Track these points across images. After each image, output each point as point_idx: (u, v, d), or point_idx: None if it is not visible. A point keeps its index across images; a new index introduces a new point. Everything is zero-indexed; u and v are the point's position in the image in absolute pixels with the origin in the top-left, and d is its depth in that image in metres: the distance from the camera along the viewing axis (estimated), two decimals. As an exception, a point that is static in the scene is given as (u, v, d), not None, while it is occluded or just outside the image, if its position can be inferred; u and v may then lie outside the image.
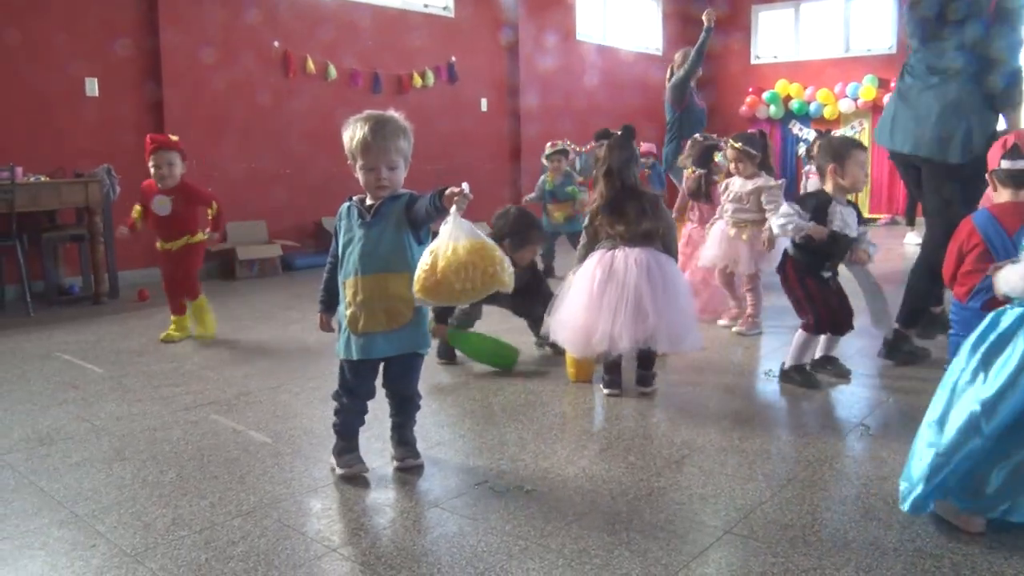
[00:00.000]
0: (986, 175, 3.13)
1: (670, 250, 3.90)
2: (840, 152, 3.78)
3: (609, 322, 3.60)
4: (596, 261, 3.76)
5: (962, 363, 2.40)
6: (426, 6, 10.06)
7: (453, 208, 2.57)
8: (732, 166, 5.22)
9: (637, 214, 3.77)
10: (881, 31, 12.97)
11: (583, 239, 4.00)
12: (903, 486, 2.48)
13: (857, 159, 3.75)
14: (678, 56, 8.07)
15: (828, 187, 3.85)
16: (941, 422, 2.41)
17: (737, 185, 5.13)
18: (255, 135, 8.26)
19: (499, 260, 2.59)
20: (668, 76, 8.18)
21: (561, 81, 11.65)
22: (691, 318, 3.86)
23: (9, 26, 6.69)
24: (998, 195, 2.97)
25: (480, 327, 4.65)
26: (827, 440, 3.28)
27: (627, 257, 3.69)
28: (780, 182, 5.18)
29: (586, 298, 3.69)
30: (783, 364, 4.08)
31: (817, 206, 3.79)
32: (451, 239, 2.55)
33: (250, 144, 8.22)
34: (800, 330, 3.99)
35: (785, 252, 4.00)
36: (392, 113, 2.85)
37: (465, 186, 2.59)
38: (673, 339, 3.70)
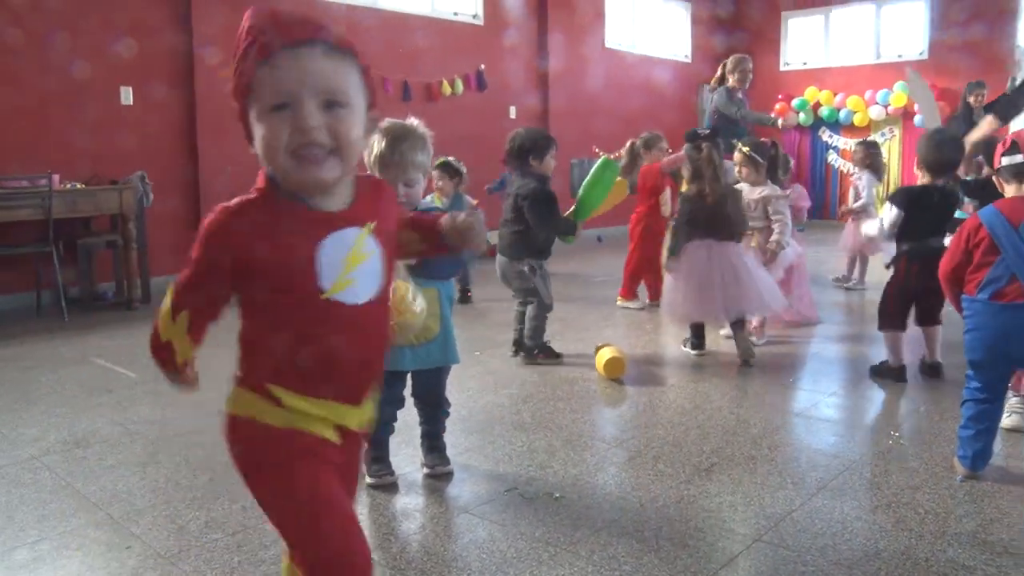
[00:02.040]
0: (993, 177, 3.12)
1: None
2: None
3: (719, 299, 4.51)
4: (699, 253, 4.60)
5: None
6: (456, 14, 10.11)
7: None
8: (738, 171, 5.15)
9: (733, 213, 4.66)
10: (913, 37, 12.84)
11: (672, 234, 4.78)
12: None
13: None
14: (731, 62, 7.74)
15: None
16: None
17: (744, 192, 5.04)
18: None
19: (407, 308, 2.59)
20: (717, 77, 7.96)
21: (590, 88, 11.66)
22: (770, 288, 4.71)
23: (46, 35, 6.82)
24: (1006, 192, 2.97)
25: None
26: (857, 448, 3.26)
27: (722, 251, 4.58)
28: (787, 193, 5.16)
29: (696, 281, 4.55)
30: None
31: None
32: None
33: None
34: None
35: None
36: (412, 122, 2.84)
37: None
38: (762, 306, 4.71)
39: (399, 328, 2.67)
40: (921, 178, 4.17)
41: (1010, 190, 2.93)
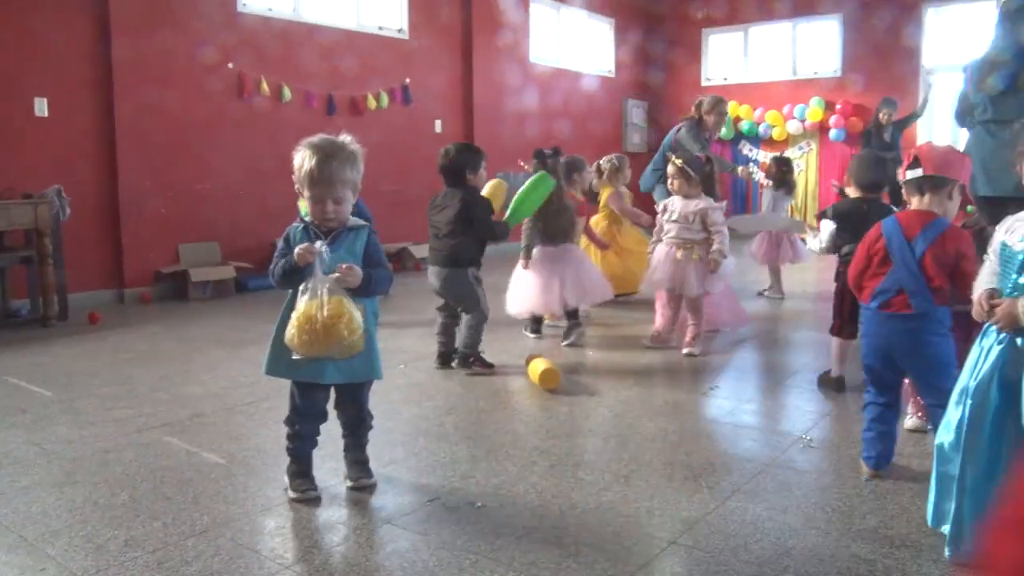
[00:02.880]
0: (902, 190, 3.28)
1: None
2: None
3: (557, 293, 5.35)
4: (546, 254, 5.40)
5: None
6: (381, 28, 10.12)
7: (316, 262, 2.70)
8: (671, 183, 5.27)
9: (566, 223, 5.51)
10: (827, 55, 13.30)
11: (527, 237, 5.39)
12: None
13: None
14: (707, 103, 7.48)
15: None
16: None
17: (679, 205, 5.17)
18: (209, 156, 8.24)
19: (342, 313, 2.70)
20: (690, 115, 7.61)
21: (515, 102, 11.78)
22: (598, 282, 5.60)
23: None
24: (911, 205, 3.12)
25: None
26: (770, 452, 3.38)
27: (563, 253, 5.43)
28: (723, 204, 5.29)
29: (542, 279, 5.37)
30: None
31: None
32: (310, 297, 2.70)
33: (204, 165, 8.20)
34: None
35: None
36: (344, 138, 2.86)
37: (319, 244, 2.72)
38: (592, 297, 5.59)
39: (337, 343, 2.73)
40: (852, 194, 4.35)
41: (914, 203, 3.08)
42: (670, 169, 5.25)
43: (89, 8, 7.36)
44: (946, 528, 2.48)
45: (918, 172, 3.02)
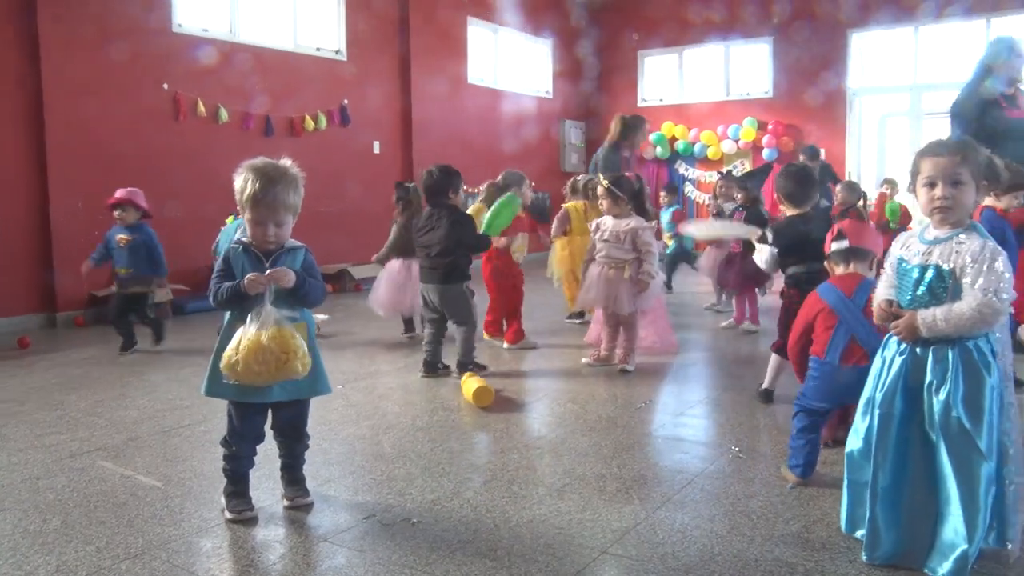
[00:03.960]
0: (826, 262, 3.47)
1: None
2: None
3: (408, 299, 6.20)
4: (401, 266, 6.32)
5: None
6: (318, 49, 10.15)
7: (268, 290, 2.77)
8: (600, 203, 5.36)
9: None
10: (759, 76, 13.68)
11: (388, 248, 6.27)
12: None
13: None
14: (614, 125, 7.86)
15: None
16: None
17: (611, 224, 5.24)
18: (144, 178, 8.11)
19: (295, 348, 2.80)
20: (613, 132, 7.86)
21: (453, 123, 11.88)
22: None
23: None
24: (835, 272, 3.31)
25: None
26: (699, 464, 3.49)
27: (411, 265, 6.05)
28: (653, 224, 5.39)
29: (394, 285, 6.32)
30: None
31: None
32: (256, 323, 2.76)
33: (139, 186, 8.06)
34: None
35: None
36: (285, 163, 2.90)
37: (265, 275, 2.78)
38: None
39: (291, 375, 2.81)
40: (785, 210, 4.48)
41: (839, 270, 3.25)
42: (599, 191, 5.34)
43: (17, 27, 7.27)
44: (860, 533, 2.60)
45: (844, 244, 3.17)
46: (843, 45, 12.82)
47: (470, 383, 4.50)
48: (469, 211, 5.77)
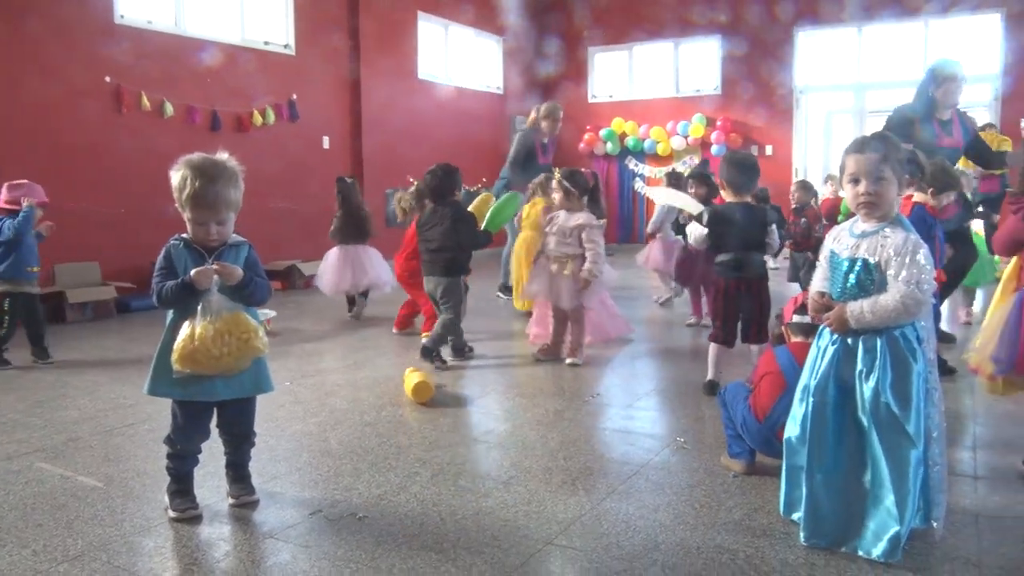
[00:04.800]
0: (781, 327, 3.52)
1: None
2: None
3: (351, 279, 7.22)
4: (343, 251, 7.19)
5: None
6: (266, 43, 10.04)
7: (214, 282, 2.77)
8: (554, 197, 5.39)
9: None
10: (708, 73, 13.82)
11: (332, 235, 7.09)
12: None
13: None
14: (543, 109, 8.09)
15: None
16: None
17: (561, 219, 5.27)
18: (86, 173, 8.00)
19: (253, 328, 2.85)
20: (531, 119, 8.14)
21: (404, 119, 11.82)
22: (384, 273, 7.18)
23: None
24: (794, 339, 3.36)
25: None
26: (645, 455, 3.53)
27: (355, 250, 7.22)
28: (601, 222, 5.39)
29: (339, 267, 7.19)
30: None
31: None
32: (208, 312, 2.77)
33: (81, 183, 7.94)
34: None
35: None
36: (223, 157, 2.87)
37: (214, 266, 2.79)
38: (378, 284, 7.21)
39: (253, 355, 2.82)
40: (726, 197, 4.55)
41: (798, 339, 3.31)
42: (554, 184, 5.37)
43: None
44: (797, 515, 2.67)
45: (806, 318, 3.22)
46: (790, 44, 13.02)
47: (410, 378, 4.50)
48: (471, 207, 5.99)
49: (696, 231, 4.51)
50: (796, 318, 3.33)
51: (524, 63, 14.67)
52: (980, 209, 7.30)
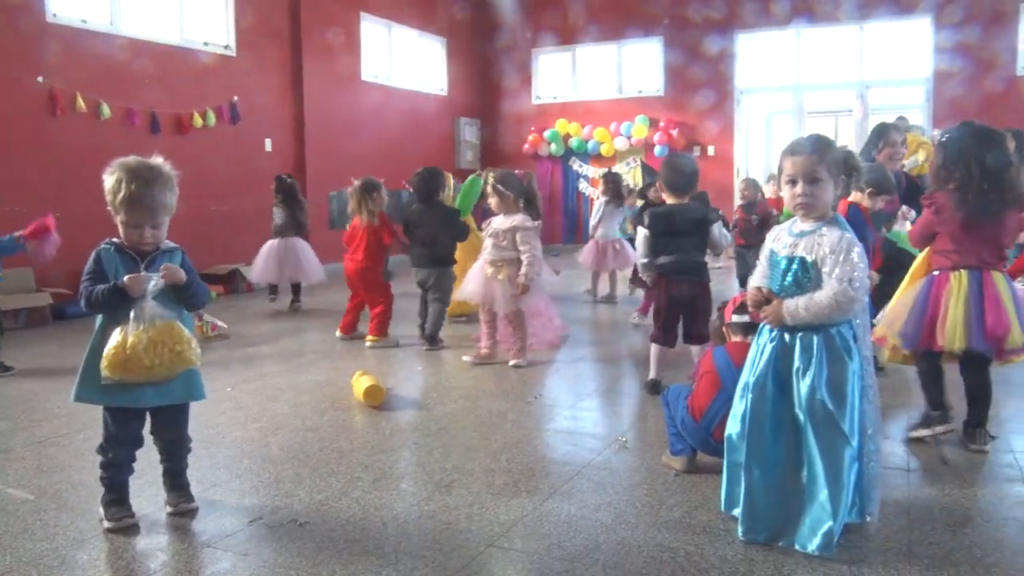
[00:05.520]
0: (723, 327, 3.59)
1: None
2: None
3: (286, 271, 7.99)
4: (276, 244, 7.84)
5: None
6: (206, 44, 9.88)
7: (149, 288, 2.71)
8: (492, 203, 5.30)
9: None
10: (651, 75, 13.96)
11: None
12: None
13: None
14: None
15: None
16: None
17: (496, 222, 5.22)
18: (18, 176, 7.78)
19: (187, 339, 2.81)
20: None
21: (347, 120, 11.73)
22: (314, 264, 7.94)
23: None
24: (734, 339, 3.42)
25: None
26: (587, 455, 3.55)
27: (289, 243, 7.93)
28: (537, 224, 5.29)
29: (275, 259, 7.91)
30: None
31: None
32: (141, 320, 2.72)
33: (12, 186, 7.71)
34: None
35: None
36: (157, 161, 2.83)
37: (153, 278, 2.73)
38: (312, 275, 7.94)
39: (185, 365, 2.79)
40: (668, 199, 4.61)
41: (737, 339, 3.36)
42: (488, 189, 5.30)
43: None
44: (737, 511, 2.71)
45: (745, 317, 3.27)
46: (730, 46, 13.20)
47: (361, 381, 4.47)
48: (460, 194, 6.73)
49: (640, 236, 4.60)
50: (735, 317, 3.39)
51: (468, 65, 14.67)
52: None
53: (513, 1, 13.81)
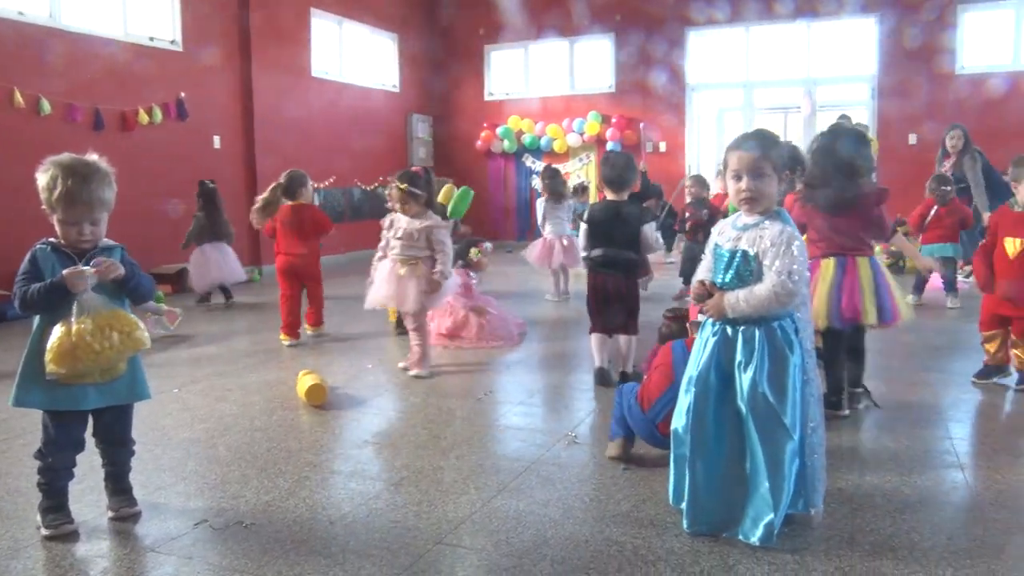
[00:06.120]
0: (667, 329, 3.79)
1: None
2: None
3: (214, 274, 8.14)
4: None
5: None
6: (152, 39, 9.70)
7: (89, 281, 2.67)
8: (398, 206, 5.02)
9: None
10: (602, 72, 14.02)
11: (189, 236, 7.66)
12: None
13: None
14: None
15: None
16: None
17: (404, 223, 4.98)
18: (-45, 175, 7.58)
19: (134, 322, 2.78)
20: None
21: (297, 117, 11.60)
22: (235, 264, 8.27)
23: None
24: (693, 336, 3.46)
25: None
26: (537, 451, 3.56)
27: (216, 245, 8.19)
28: (448, 223, 5.29)
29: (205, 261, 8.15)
30: None
31: None
32: (84, 310, 2.67)
33: (-50, 185, 7.54)
34: None
35: None
36: (93, 158, 2.78)
37: (88, 269, 2.69)
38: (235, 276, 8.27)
39: (135, 349, 2.76)
40: (608, 196, 4.74)
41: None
42: (395, 194, 5.02)
43: None
44: (684, 504, 2.73)
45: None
46: (681, 42, 13.31)
47: (303, 380, 4.44)
48: (439, 197, 6.53)
49: (581, 231, 4.79)
50: (701, 317, 3.42)
51: (420, 61, 14.61)
52: None
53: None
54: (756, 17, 12.71)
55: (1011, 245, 4.35)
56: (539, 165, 14.19)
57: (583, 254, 4.84)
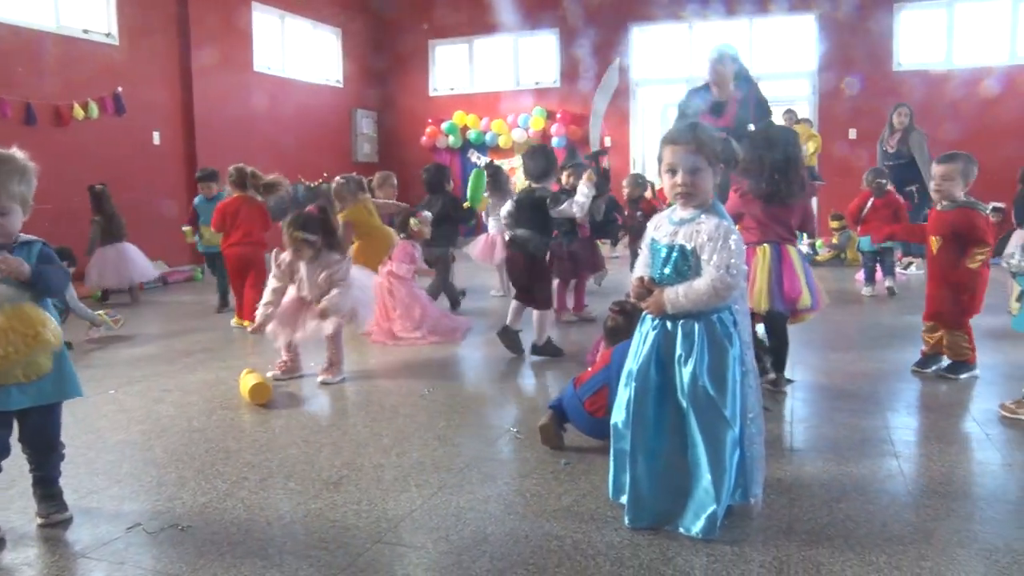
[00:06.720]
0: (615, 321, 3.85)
1: None
2: None
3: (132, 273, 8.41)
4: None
5: None
6: (86, 32, 9.48)
7: None
8: (295, 254, 4.72)
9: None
10: (547, 66, 14.05)
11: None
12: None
13: None
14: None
15: None
16: None
17: (304, 272, 4.76)
18: None
19: (41, 320, 2.66)
20: None
21: (239, 112, 11.43)
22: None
23: None
24: None
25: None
26: (478, 447, 3.55)
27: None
28: (348, 258, 4.98)
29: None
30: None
31: None
32: None
33: None
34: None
35: None
36: (12, 152, 2.71)
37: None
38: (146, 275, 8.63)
39: (44, 350, 2.66)
40: (532, 184, 5.24)
41: None
42: (286, 239, 4.72)
43: None
44: (624, 499, 2.74)
45: None
46: (625, 38, 13.39)
47: (246, 379, 4.37)
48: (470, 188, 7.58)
49: (504, 212, 5.59)
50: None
51: (364, 56, 14.49)
52: None
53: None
54: (699, 14, 12.83)
55: (935, 242, 4.51)
56: (484, 160, 14.17)
57: (508, 233, 5.41)
